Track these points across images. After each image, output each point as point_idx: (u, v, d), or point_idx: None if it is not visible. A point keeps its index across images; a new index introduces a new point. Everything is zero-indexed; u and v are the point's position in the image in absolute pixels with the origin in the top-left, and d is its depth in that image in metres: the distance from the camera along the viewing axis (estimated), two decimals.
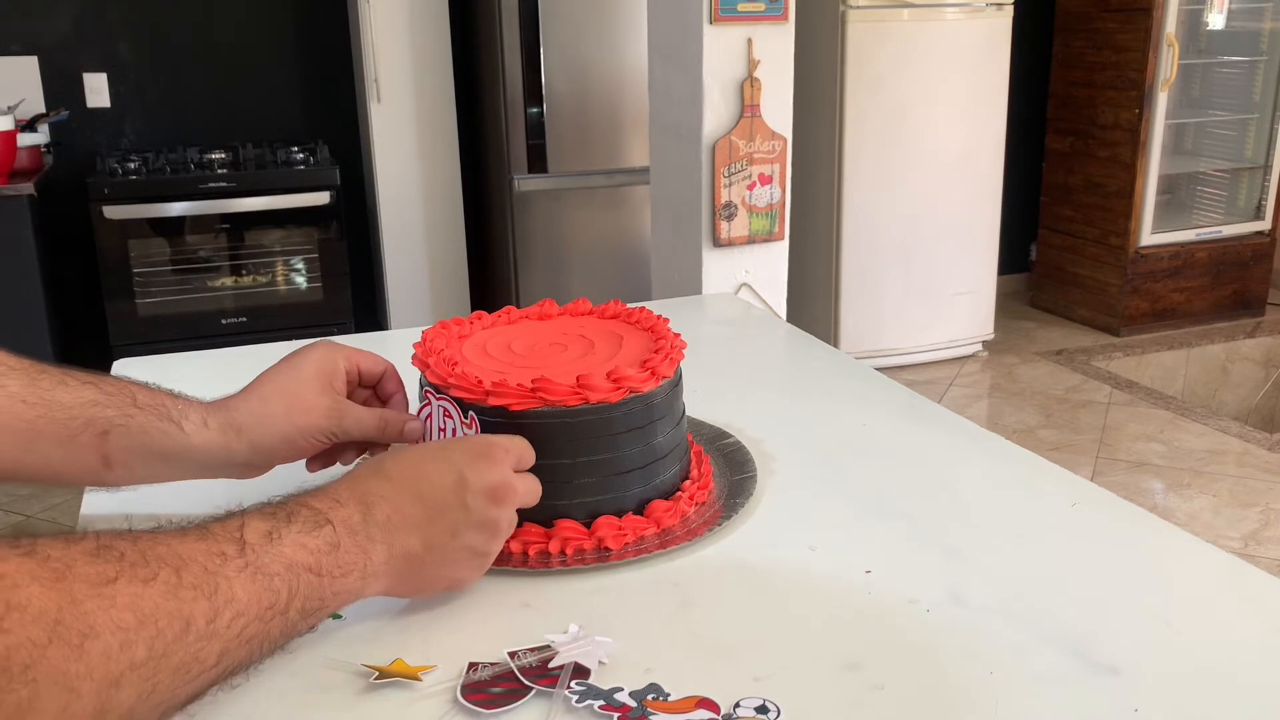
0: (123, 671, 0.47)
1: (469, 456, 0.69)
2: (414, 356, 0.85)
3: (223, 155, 3.46)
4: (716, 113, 2.04)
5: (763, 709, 0.60)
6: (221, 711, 0.62)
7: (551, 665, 0.64)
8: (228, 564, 0.54)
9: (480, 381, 0.78)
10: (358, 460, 0.84)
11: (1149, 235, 4.17)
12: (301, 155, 3.51)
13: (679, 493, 0.85)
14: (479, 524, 0.68)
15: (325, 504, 0.63)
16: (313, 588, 0.59)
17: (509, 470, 0.70)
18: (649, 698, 0.61)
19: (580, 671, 0.64)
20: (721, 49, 2.02)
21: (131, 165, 3.34)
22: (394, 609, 0.72)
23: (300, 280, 3.64)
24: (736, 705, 0.61)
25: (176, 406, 0.76)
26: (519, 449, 0.73)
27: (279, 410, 0.78)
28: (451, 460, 0.69)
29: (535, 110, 3.49)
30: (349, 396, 0.82)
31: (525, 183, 3.54)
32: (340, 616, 0.71)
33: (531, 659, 0.65)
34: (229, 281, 3.56)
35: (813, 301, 3.89)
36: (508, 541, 0.78)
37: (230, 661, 0.54)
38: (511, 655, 0.65)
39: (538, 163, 3.53)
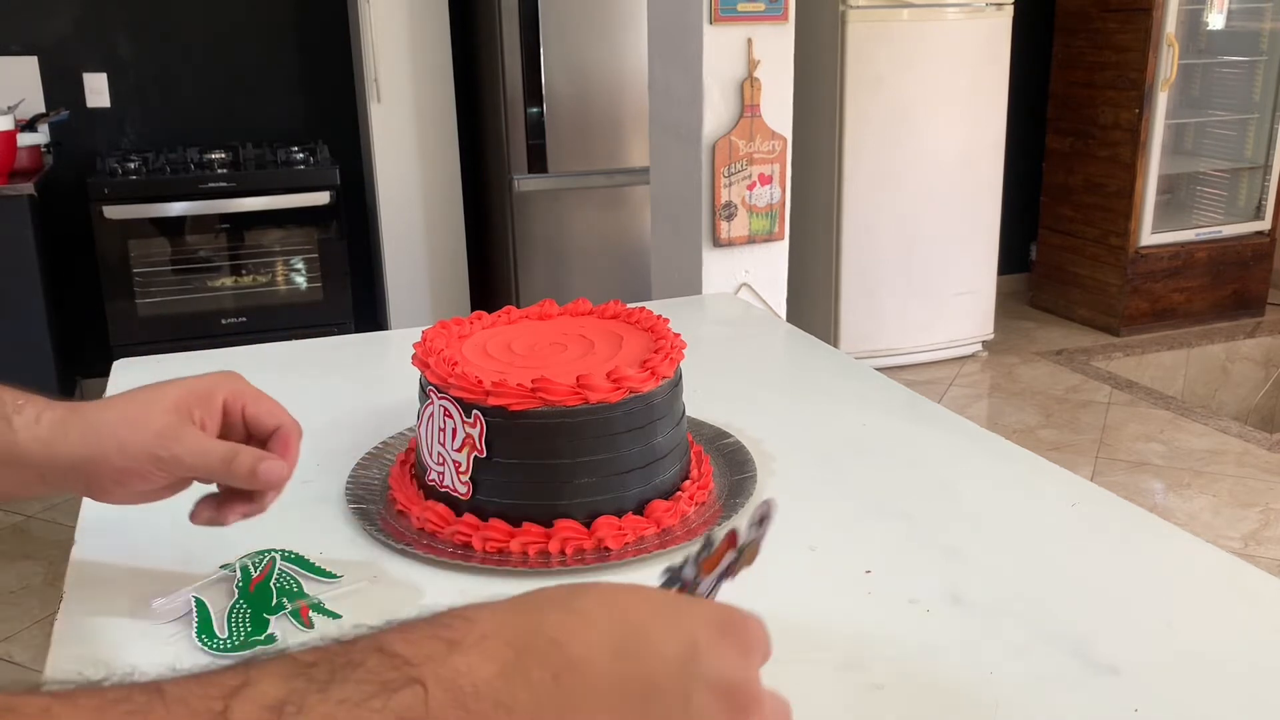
0: None
1: (711, 627, 0.43)
2: (414, 356, 0.85)
3: (223, 155, 3.46)
4: (716, 113, 2.04)
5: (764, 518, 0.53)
6: None
7: None
8: None
9: (480, 381, 0.78)
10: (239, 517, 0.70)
11: (1149, 235, 4.17)
12: (301, 155, 3.51)
13: (679, 493, 0.85)
14: (714, 707, 0.40)
15: (419, 648, 0.37)
16: None
17: (757, 669, 0.43)
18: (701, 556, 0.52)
19: None
20: (721, 49, 2.02)
21: (131, 165, 3.34)
22: (394, 609, 0.72)
23: (300, 280, 3.64)
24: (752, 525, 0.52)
25: (14, 401, 0.65)
26: (768, 642, 0.45)
27: (112, 419, 0.65)
28: (682, 621, 0.43)
29: (535, 110, 3.49)
30: (224, 437, 0.68)
31: (525, 183, 3.54)
32: (338, 616, 0.71)
33: None
34: (229, 282, 3.56)
35: (813, 301, 3.89)
36: (508, 542, 0.78)
37: None
38: None
39: (538, 163, 3.53)
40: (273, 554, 0.77)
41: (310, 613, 0.71)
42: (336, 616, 0.71)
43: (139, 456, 0.64)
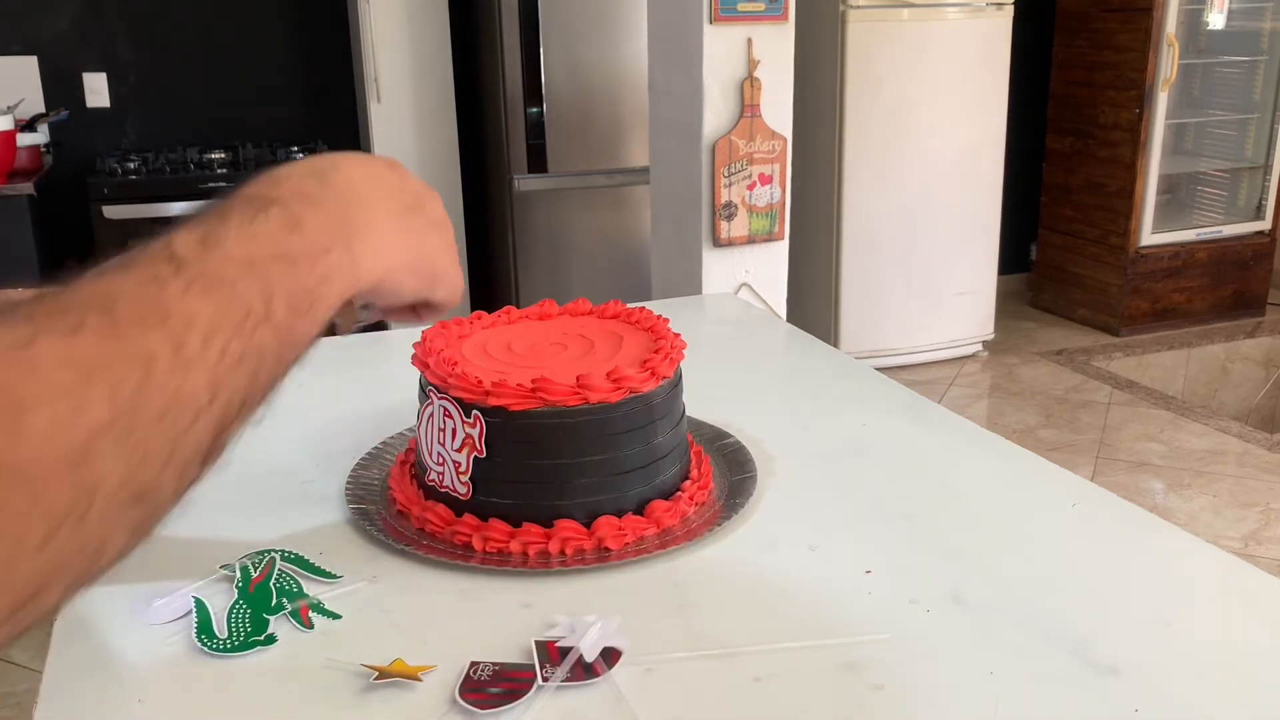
0: (86, 441, 0.37)
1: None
2: (414, 356, 0.85)
3: (223, 155, 3.46)
4: (716, 113, 2.04)
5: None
6: (221, 711, 0.62)
7: (586, 655, 0.64)
8: (167, 286, 0.43)
9: (480, 381, 0.78)
10: None
11: (1149, 235, 4.17)
12: (301, 155, 3.50)
13: (679, 493, 0.85)
14: (428, 197, 0.62)
15: (263, 188, 0.52)
16: (290, 277, 0.49)
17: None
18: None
19: (612, 654, 0.65)
20: (721, 49, 2.02)
21: (131, 165, 3.34)
22: (394, 609, 0.72)
23: None
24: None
25: None
26: None
27: None
28: (371, 156, 0.64)
29: (535, 110, 3.49)
30: None
31: (525, 183, 3.54)
32: (338, 616, 0.71)
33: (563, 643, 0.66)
34: None
35: (813, 301, 3.89)
36: (508, 542, 0.78)
37: (229, 393, 0.44)
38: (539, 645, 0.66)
39: (538, 163, 3.53)
40: (273, 554, 0.77)
41: (310, 613, 0.71)
42: (336, 616, 0.71)
43: None
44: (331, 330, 0.57)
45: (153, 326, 0.42)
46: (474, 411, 0.78)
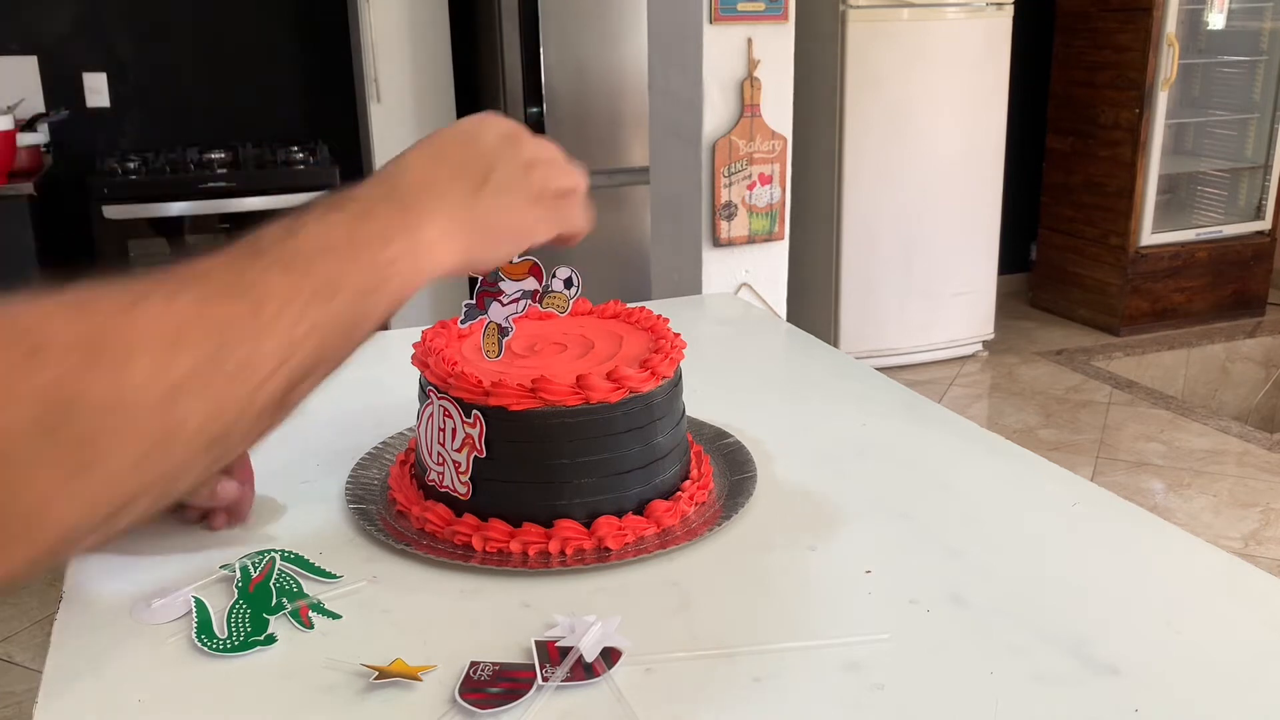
0: (174, 386, 0.45)
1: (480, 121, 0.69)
2: (414, 356, 0.85)
3: (223, 155, 3.46)
4: (716, 113, 2.04)
5: (569, 282, 0.81)
6: (221, 711, 0.62)
7: (586, 655, 0.64)
8: (252, 266, 0.51)
9: (480, 381, 0.78)
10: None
11: (1149, 235, 4.17)
12: (301, 155, 3.51)
13: (679, 493, 0.85)
14: (503, 154, 0.66)
15: (340, 195, 0.60)
16: (359, 262, 0.55)
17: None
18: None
19: (612, 654, 0.65)
20: (721, 49, 2.02)
21: (131, 165, 3.34)
22: (394, 609, 0.72)
23: None
24: (553, 275, 0.80)
25: None
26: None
27: None
28: (460, 124, 0.69)
29: (535, 110, 3.49)
30: None
31: None
32: (338, 616, 0.71)
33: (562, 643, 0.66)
34: None
35: (813, 301, 3.89)
36: (508, 542, 0.78)
37: (300, 356, 0.51)
38: (539, 645, 0.66)
39: None
40: (273, 554, 0.77)
41: (310, 613, 0.71)
42: (336, 616, 0.71)
43: None
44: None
45: (235, 297, 0.49)
46: (474, 411, 0.78)
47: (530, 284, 0.80)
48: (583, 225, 0.71)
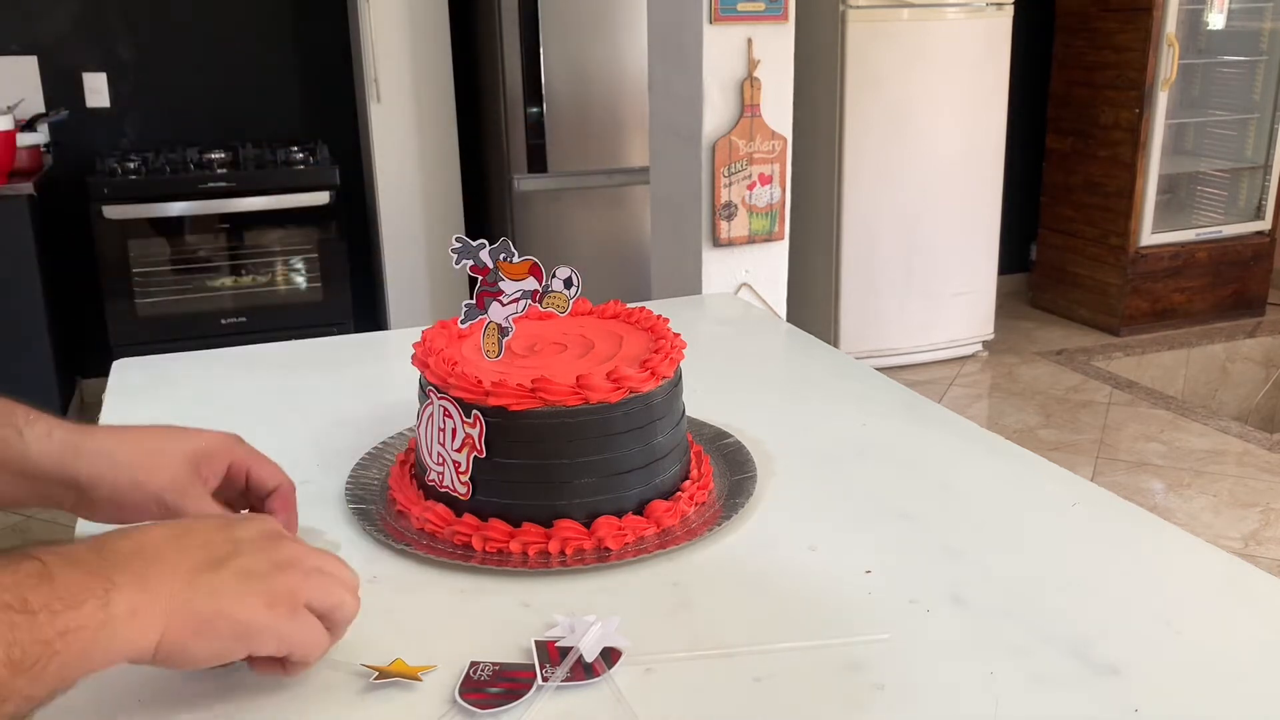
0: None
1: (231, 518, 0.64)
2: (414, 356, 0.85)
3: (222, 155, 3.46)
4: (716, 113, 2.04)
5: (569, 282, 0.80)
6: (221, 712, 0.62)
7: (586, 655, 0.64)
8: None
9: (480, 381, 0.78)
10: None
11: (1149, 235, 4.17)
12: (301, 155, 3.51)
13: (679, 493, 0.85)
14: (257, 546, 0.60)
15: (36, 548, 0.51)
16: (22, 628, 0.46)
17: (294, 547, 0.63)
18: (501, 257, 0.79)
19: (612, 654, 0.65)
20: (721, 49, 2.02)
21: (131, 165, 3.34)
22: (394, 609, 0.72)
23: (300, 280, 3.64)
24: (553, 275, 0.80)
25: (25, 415, 0.70)
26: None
27: (128, 456, 0.71)
28: (223, 515, 0.64)
29: (535, 110, 3.49)
30: (224, 498, 0.75)
31: (525, 183, 3.54)
32: None
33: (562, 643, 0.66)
34: (229, 281, 3.56)
35: (813, 301, 3.89)
36: (508, 542, 0.78)
37: None
38: (539, 644, 0.66)
39: (538, 163, 3.53)
40: None
41: None
42: None
43: (147, 497, 0.70)
44: None
45: None
46: (474, 411, 0.78)
47: (530, 284, 0.79)
48: (315, 654, 0.61)
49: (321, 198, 3.48)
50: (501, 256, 0.80)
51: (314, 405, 1.09)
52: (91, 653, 0.50)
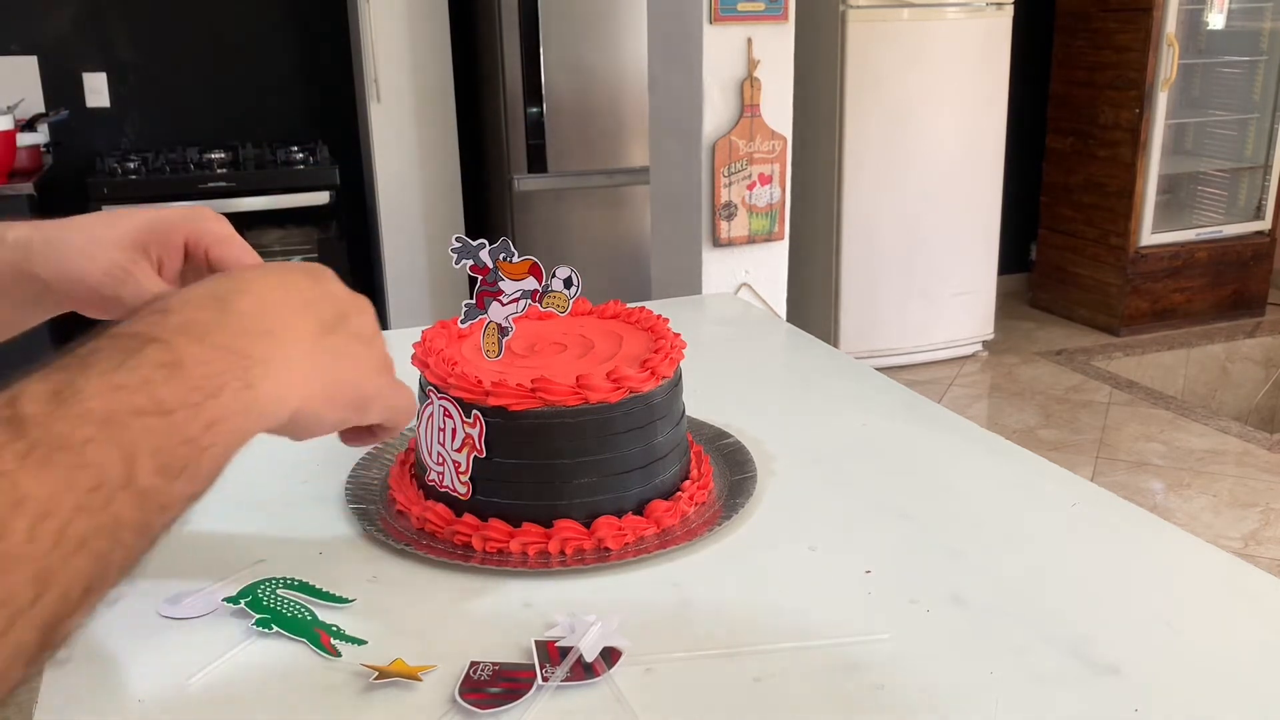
0: None
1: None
2: (414, 356, 0.85)
3: (222, 155, 3.46)
4: (716, 113, 2.04)
5: (569, 282, 0.80)
6: (218, 711, 0.62)
7: (586, 655, 0.64)
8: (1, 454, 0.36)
9: (480, 381, 0.78)
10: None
11: (1149, 235, 4.17)
12: (301, 155, 3.51)
13: (679, 493, 0.85)
14: (354, 305, 0.57)
15: (145, 322, 0.45)
16: (161, 433, 0.41)
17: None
18: (501, 257, 0.79)
19: (612, 654, 0.65)
20: (721, 49, 2.02)
21: (131, 165, 3.34)
22: (394, 609, 0.72)
23: None
24: (552, 275, 0.80)
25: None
26: None
27: (75, 242, 0.61)
28: (298, 264, 0.57)
29: (535, 110, 3.49)
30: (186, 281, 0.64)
31: (525, 183, 3.54)
32: (363, 642, 0.69)
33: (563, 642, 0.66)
34: None
35: (813, 301, 3.89)
36: (508, 542, 0.78)
37: (65, 584, 0.37)
38: (539, 644, 0.66)
39: (538, 163, 3.53)
40: (273, 584, 0.73)
41: (332, 641, 0.67)
42: (361, 642, 0.67)
43: (85, 285, 0.61)
44: None
45: None
46: (474, 411, 0.78)
47: (530, 284, 0.79)
48: (407, 420, 0.60)
49: (321, 197, 3.48)
50: (501, 256, 0.80)
51: None
52: (244, 432, 0.45)
